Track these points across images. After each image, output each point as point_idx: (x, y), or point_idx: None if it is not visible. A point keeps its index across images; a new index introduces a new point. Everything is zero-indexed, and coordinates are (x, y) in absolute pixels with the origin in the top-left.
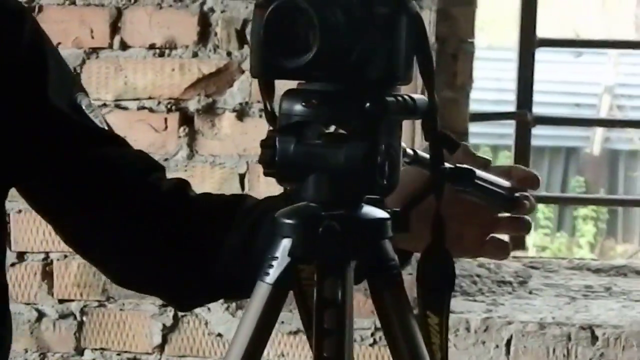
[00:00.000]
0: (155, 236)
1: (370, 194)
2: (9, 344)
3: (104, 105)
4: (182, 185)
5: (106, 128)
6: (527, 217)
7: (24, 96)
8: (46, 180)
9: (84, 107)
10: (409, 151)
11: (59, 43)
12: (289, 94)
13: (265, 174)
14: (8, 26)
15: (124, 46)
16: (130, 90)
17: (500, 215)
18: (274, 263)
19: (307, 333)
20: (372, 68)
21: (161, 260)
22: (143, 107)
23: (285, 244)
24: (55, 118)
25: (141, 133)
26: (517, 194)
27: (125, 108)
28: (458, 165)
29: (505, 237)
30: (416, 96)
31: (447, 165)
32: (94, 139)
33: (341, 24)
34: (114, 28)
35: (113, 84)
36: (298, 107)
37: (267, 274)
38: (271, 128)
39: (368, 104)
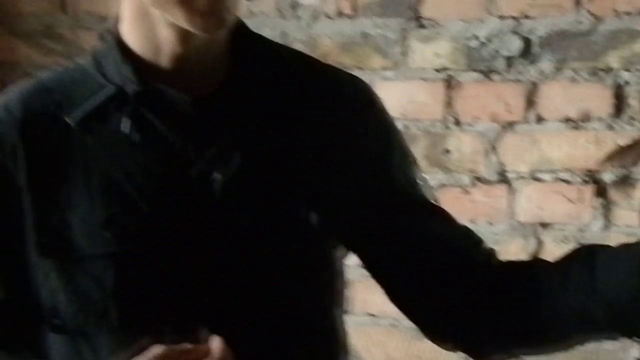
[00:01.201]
0: (477, 301)
1: None
2: None
3: (520, 177)
4: (495, 253)
5: (434, 202)
6: None
7: (371, 171)
8: (379, 246)
9: (418, 183)
10: None
11: (476, 117)
12: None
13: None
14: (360, 110)
15: (539, 119)
16: (545, 162)
17: None
18: None
19: None
20: None
21: (483, 321)
22: (558, 179)
23: None
24: (395, 191)
25: (556, 204)
26: None
27: (540, 180)
28: None
29: None
30: None
31: None
32: (425, 212)
33: None
34: (530, 102)
35: (528, 156)
36: None
37: None
38: None
39: None
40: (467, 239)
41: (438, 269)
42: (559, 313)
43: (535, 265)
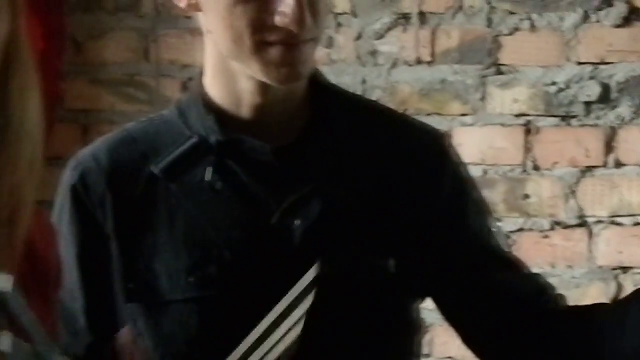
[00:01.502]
0: (544, 344)
1: None
2: None
3: (600, 221)
4: (564, 300)
5: (507, 251)
6: None
7: (447, 219)
8: (453, 292)
9: (492, 231)
10: None
11: (556, 162)
12: None
13: None
14: (436, 160)
15: (618, 164)
16: (625, 206)
17: None
18: None
19: None
20: None
21: None
22: (638, 223)
23: None
24: (470, 239)
25: (636, 248)
26: None
27: (620, 224)
28: None
29: None
30: None
31: None
32: (498, 261)
33: None
34: (609, 147)
35: (608, 201)
36: None
37: None
38: None
39: None
40: (538, 287)
41: (509, 316)
42: (617, 351)
43: (598, 308)
